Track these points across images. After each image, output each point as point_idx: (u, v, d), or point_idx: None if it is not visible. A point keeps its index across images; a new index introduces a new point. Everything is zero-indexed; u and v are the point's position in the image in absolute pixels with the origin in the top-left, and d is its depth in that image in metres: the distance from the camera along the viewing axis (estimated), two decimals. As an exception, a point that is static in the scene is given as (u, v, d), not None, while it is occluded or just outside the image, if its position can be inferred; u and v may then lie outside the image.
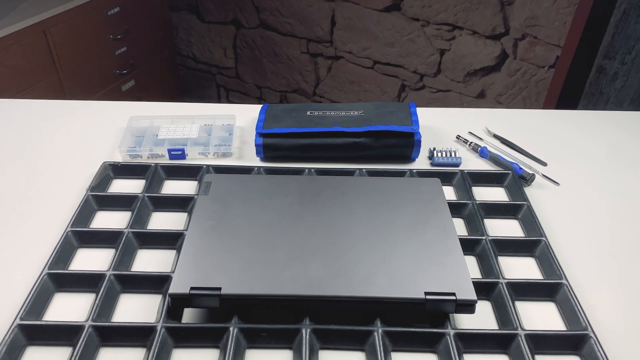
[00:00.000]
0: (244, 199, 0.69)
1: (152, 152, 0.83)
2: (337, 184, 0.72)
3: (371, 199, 0.69)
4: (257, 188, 0.71)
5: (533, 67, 1.85)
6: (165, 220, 0.72)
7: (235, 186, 0.71)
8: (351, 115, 0.84)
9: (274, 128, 0.81)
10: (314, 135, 0.81)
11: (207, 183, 0.72)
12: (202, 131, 0.87)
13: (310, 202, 0.69)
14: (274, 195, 0.70)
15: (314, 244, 0.62)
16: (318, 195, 0.70)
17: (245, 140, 0.88)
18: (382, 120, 0.82)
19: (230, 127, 0.89)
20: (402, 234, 0.64)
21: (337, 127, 0.81)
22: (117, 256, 0.63)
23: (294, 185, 0.72)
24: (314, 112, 0.85)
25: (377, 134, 0.81)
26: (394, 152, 0.82)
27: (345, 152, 0.82)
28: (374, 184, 0.72)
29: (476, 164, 0.84)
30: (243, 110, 0.96)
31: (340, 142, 0.81)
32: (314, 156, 0.83)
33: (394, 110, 0.85)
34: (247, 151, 0.86)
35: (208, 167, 0.79)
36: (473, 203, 0.73)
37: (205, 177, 0.73)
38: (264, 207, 0.68)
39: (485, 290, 0.62)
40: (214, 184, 0.72)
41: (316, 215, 0.66)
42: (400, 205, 0.68)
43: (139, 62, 2.15)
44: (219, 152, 0.84)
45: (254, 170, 0.78)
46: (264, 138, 0.81)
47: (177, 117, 0.89)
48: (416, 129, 0.80)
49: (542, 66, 1.83)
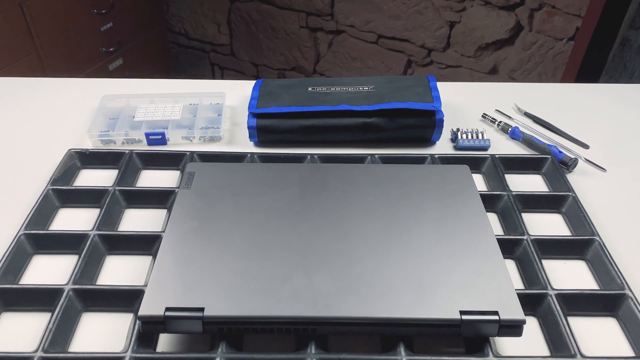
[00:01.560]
0: (234, 193, 0.57)
1: (128, 137, 0.70)
2: (345, 173, 0.60)
3: (387, 191, 0.57)
4: (250, 179, 0.59)
5: (550, 40, 1.72)
6: (140, 219, 0.60)
7: (223, 177, 0.59)
8: (360, 91, 0.71)
9: (270, 107, 0.69)
10: (317, 115, 0.69)
11: (189, 174, 0.60)
12: (187, 112, 0.75)
13: (314, 196, 0.57)
14: (270, 188, 0.58)
15: (320, 250, 0.50)
16: (323, 187, 0.58)
17: (236, 122, 0.76)
18: (396, 96, 0.69)
19: (219, 106, 0.76)
20: (427, 235, 0.52)
21: (343, 105, 0.68)
22: (79, 265, 0.52)
23: (293, 175, 0.60)
24: (317, 87, 0.73)
25: (391, 112, 0.68)
26: (412, 134, 0.70)
27: (354, 134, 0.69)
28: (389, 173, 0.60)
29: (507, 147, 0.72)
30: (234, 87, 0.84)
31: (347, 123, 0.68)
32: (317, 140, 0.70)
33: (411, 84, 0.72)
34: (238, 135, 0.73)
35: (192, 154, 0.67)
36: (509, 195, 0.61)
37: (188, 167, 0.61)
38: (257, 204, 0.56)
39: (530, 304, 0.50)
40: (198, 174, 0.60)
41: (321, 212, 0.55)
42: (422, 200, 0.56)
43: (126, 39, 2.01)
44: (206, 137, 0.72)
45: (247, 158, 0.66)
46: (258, 119, 0.69)
47: (157, 96, 0.77)
48: (438, 106, 0.68)
49: (560, 38, 1.70)
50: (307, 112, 0.69)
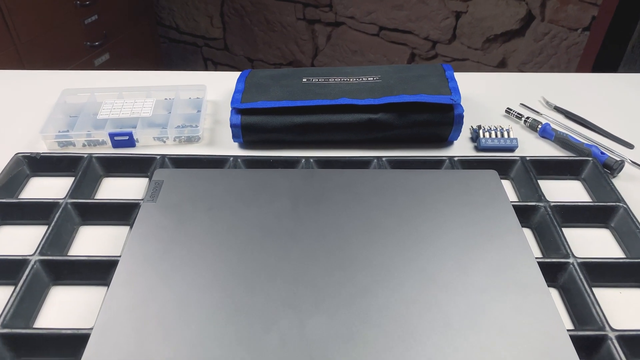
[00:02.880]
0: (210, 207, 0.46)
1: (90, 138, 0.60)
2: (347, 181, 0.49)
3: (399, 204, 0.47)
4: (230, 189, 0.48)
5: (564, 30, 1.60)
6: (96, 239, 0.49)
7: (198, 187, 0.49)
8: (364, 83, 0.60)
9: (257, 101, 0.58)
10: (313, 110, 0.58)
11: (156, 183, 0.49)
12: (160, 107, 0.64)
13: (309, 210, 0.46)
14: (254, 200, 0.47)
15: (315, 283, 0.39)
16: (320, 199, 0.47)
17: (219, 119, 0.65)
18: (407, 88, 0.58)
19: (198, 101, 0.65)
20: (452, 262, 0.41)
21: (344, 98, 0.58)
22: (15, 299, 0.41)
23: (284, 183, 0.49)
24: (313, 78, 0.62)
25: (401, 107, 0.57)
26: (426, 132, 0.59)
27: (357, 133, 0.59)
28: (400, 180, 0.50)
29: (537, 148, 0.61)
30: (218, 79, 0.73)
31: (349, 120, 0.58)
32: (313, 140, 0.60)
33: (424, 74, 0.61)
34: (221, 135, 0.63)
35: (163, 158, 0.56)
36: (546, 206, 0.50)
37: (155, 174, 0.50)
38: (238, 221, 0.45)
39: (584, 348, 0.39)
40: (168, 184, 0.49)
41: (318, 232, 0.44)
42: (442, 215, 0.46)
43: (113, 32, 1.90)
44: (182, 137, 0.61)
45: (229, 163, 0.56)
46: (243, 116, 0.58)
47: (127, 89, 0.66)
48: (457, 99, 0.57)
49: (574, 28, 1.59)
50: (301, 107, 0.58)
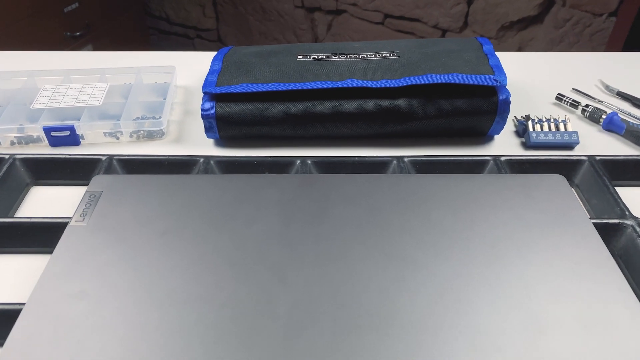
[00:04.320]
0: (165, 232, 0.32)
1: (21, 134, 0.46)
2: (358, 189, 0.35)
3: (433, 221, 0.33)
4: (197, 204, 0.34)
5: (587, 16, 1.46)
6: (9, 273, 0.35)
7: (152, 201, 0.35)
8: (379, 60, 0.46)
9: (237, 84, 0.44)
10: (311, 95, 0.44)
11: (91, 196, 0.35)
12: (115, 94, 0.50)
13: (307, 232, 0.32)
14: (231, 219, 0.33)
15: (314, 341, 0.25)
16: (322, 215, 0.33)
17: (190, 109, 0.51)
18: (435, 65, 0.44)
19: (163, 87, 0.51)
20: (515, 307, 0.27)
21: (352, 80, 0.44)
22: None
23: (273, 194, 0.35)
24: (311, 55, 0.48)
25: (427, 91, 0.43)
26: (460, 124, 0.45)
27: (370, 126, 0.45)
28: (432, 188, 0.36)
29: (604, 144, 0.47)
30: (192, 60, 0.59)
31: (359, 109, 0.44)
32: (312, 135, 0.46)
33: (455, 48, 0.47)
34: (192, 129, 0.49)
35: (111, 159, 0.42)
36: (634, 226, 0.36)
37: (92, 183, 0.36)
38: (207, 251, 0.31)
39: None
40: (108, 196, 0.35)
41: (321, 264, 0.30)
42: (494, 237, 0.32)
43: (96, 22, 1.76)
44: (141, 132, 0.47)
45: (198, 166, 0.42)
46: (219, 103, 0.44)
47: (76, 72, 0.52)
48: (502, 79, 0.43)
49: (599, 14, 1.45)
50: (296, 92, 0.44)
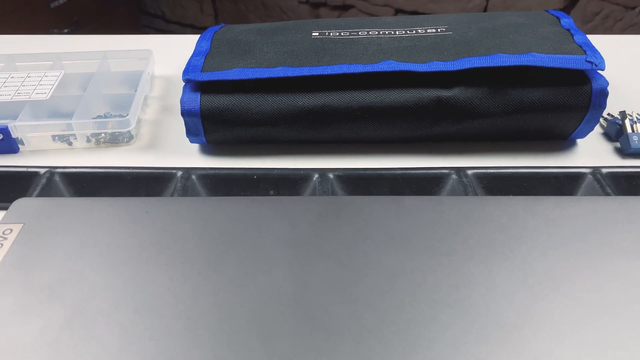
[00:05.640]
0: (116, 300, 0.20)
1: (-59, 138, 0.34)
2: (408, 220, 0.23)
3: (534, 268, 0.20)
4: (169, 245, 0.22)
5: (618, 9, 1.36)
6: None
7: (100, 241, 0.22)
8: (423, 37, 0.34)
9: (231, 69, 0.32)
10: (332, 84, 0.32)
11: (6, 231, 0.23)
12: (70, 85, 0.38)
13: (335, 285, 0.20)
14: (219, 269, 0.21)
15: None
16: (355, 258, 0.21)
17: (170, 105, 0.39)
18: (502, 43, 0.32)
19: (135, 75, 0.39)
20: None
21: (388, 62, 0.31)
22: None
23: (281, 228, 0.23)
24: (330, 32, 0.36)
25: (494, 76, 0.31)
26: (537, 122, 0.32)
27: (415, 125, 0.32)
28: (521, 219, 0.23)
29: None
30: (175, 43, 0.47)
31: (401, 102, 0.31)
32: (334, 139, 0.33)
33: (523, 22, 0.35)
34: (170, 131, 0.36)
35: (52, 174, 0.30)
36: None
37: (11, 210, 0.24)
38: (185, 327, 0.19)
39: None
40: (30, 232, 0.23)
41: (358, 336, 0.18)
42: (617, 294, 0.19)
43: (86, 19, 1.64)
44: (102, 136, 0.35)
45: (175, 181, 0.29)
46: (205, 95, 0.32)
47: (21, 57, 0.40)
48: (598, 61, 0.30)
49: (631, 7, 1.34)
50: (312, 79, 0.32)
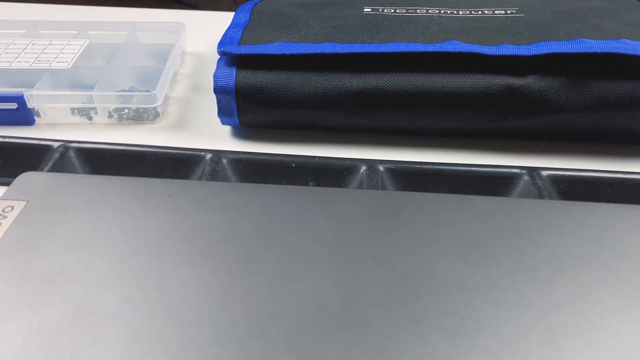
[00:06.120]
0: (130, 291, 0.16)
1: (-48, 105, 0.31)
2: (477, 223, 0.19)
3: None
4: (195, 232, 0.18)
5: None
6: None
7: (114, 224, 0.19)
8: (492, 18, 0.30)
9: (272, 42, 0.28)
10: (386, 65, 0.28)
11: (6, 208, 0.20)
12: (94, 56, 0.35)
13: (389, 291, 0.16)
14: (250, 266, 0.17)
15: None
16: (414, 267, 0.17)
17: (201, 84, 0.36)
18: (584, 28, 0.28)
19: (165, 49, 0.36)
20: None
21: (453, 42, 0.27)
22: None
23: (323, 223, 0.19)
24: (384, 8, 0.32)
25: (575, 65, 0.27)
26: (622, 121, 0.28)
27: (479, 117, 0.28)
28: (604, 227, 0.19)
29: None
30: (209, 19, 0.43)
31: (465, 89, 0.27)
32: (385, 128, 0.29)
33: (606, 5, 0.31)
34: (200, 111, 0.33)
35: (66, 148, 0.26)
36: None
37: (15, 184, 0.21)
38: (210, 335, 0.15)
39: None
40: (34, 210, 0.19)
41: None
42: None
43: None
44: (125, 111, 0.31)
45: (203, 164, 0.26)
46: (241, 70, 0.28)
47: (45, 24, 0.37)
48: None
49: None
50: (363, 58, 0.28)
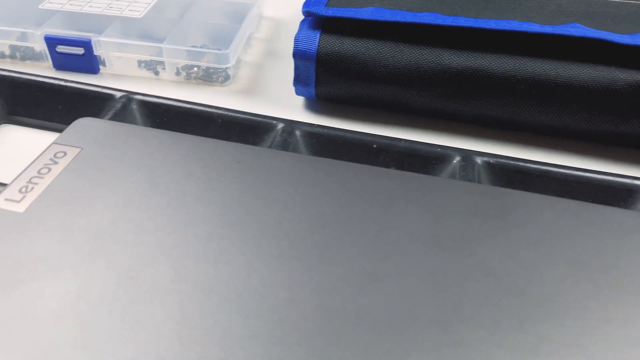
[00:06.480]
0: (181, 255, 0.14)
1: (20, 44, 0.29)
2: (618, 240, 0.15)
3: None
4: (264, 200, 0.16)
5: None
6: None
7: (174, 181, 0.16)
8: (622, 4, 0.26)
9: (364, 7, 0.25)
10: (492, 44, 0.24)
11: (59, 153, 0.17)
12: (167, 8, 0.33)
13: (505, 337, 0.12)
14: (324, 252, 0.14)
15: None
16: (531, 287, 0.13)
17: (275, 50, 0.33)
18: None
19: (242, 8, 0.33)
20: None
21: (574, 25, 0.23)
22: None
23: (407, 212, 0.16)
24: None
25: None
26: None
27: (597, 116, 0.24)
28: None
29: None
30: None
31: (584, 80, 0.23)
32: (484, 116, 0.26)
33: None
34: (272, 78, 0.30)
35: (129, 99, 0.24)
36: None
37: (71, 128, 0.19)
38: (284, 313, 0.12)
39: None
40: (88, 157, 0.17)
41: None
42: None
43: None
44: (195, 70, 0.29)
45: (274, 133, 0.23)
46: (326, 35, 0.25)
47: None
48: None
49: None
50: (466, 34, 0.24)
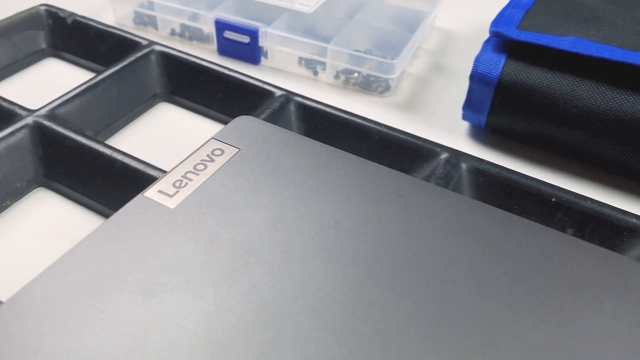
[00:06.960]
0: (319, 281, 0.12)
1: (190, 23, 0.30)
2: None
3: None
4: (421, 247, 0.14)
5: None
6: (51, 221, 0.19)
7: (334, 202, 0.15)
8: None
9: (563, 36, 0.22)
10: None
11: (216, 151, 0.16)
12: (336, 6, 0.31)
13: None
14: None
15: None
16: None
17: (444, 64, 0.30)
18: None
19: (414, 17, 0.31)
20: None
21: None
22: None
23: (613, 307, 0.12)
24: None
25: None
26: None
27: None
28: None
29: None
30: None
31: None
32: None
33: None
34: (438, 96, 0.28)
35: (289, 99, 0.23)
36: None
37: (231, 126, 0.18)
38: None
39: None
40: (246, 158, 0.16)
41: None
42: None
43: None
44: (354, 76, 0.27)
45: (437, 163, 0.21)
46: (512, 60, 0.22)
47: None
48: None
49: None
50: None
